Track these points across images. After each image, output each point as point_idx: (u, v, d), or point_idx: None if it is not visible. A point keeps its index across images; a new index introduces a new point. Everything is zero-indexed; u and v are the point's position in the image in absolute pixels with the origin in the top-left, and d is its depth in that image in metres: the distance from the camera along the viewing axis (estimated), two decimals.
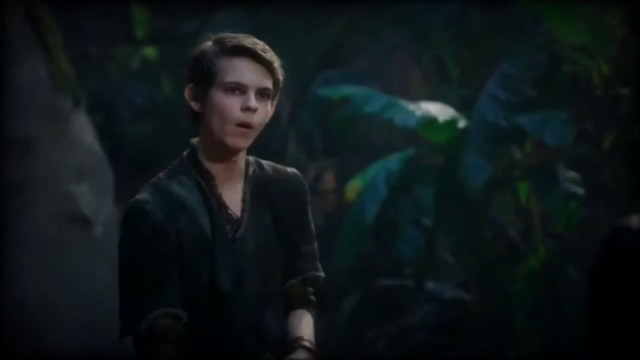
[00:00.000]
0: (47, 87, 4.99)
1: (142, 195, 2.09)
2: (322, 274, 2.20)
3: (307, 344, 2.11)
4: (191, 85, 2.12)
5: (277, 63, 2.11)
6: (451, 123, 5.24)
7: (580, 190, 5.06)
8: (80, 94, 5.14)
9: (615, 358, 0.79)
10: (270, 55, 2.10)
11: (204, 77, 2.09)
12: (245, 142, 2.07)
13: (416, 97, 5.81)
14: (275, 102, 2.12)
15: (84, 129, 5.10)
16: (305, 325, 2.15)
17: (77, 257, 4.96)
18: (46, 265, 4.89)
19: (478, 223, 5.54)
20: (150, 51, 6.96)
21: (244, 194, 2.12)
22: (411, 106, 5.28)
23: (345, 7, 6.81)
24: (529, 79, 5.18)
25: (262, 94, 2.08)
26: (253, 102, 2.06)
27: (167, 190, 2.10)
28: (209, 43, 2.12)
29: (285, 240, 2.15)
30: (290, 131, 6.85)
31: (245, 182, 2.13)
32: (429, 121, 5.15)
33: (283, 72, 2.12)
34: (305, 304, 2.18)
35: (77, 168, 4.98)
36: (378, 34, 6.61)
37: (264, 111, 2.08)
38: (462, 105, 5.63)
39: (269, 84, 2.08)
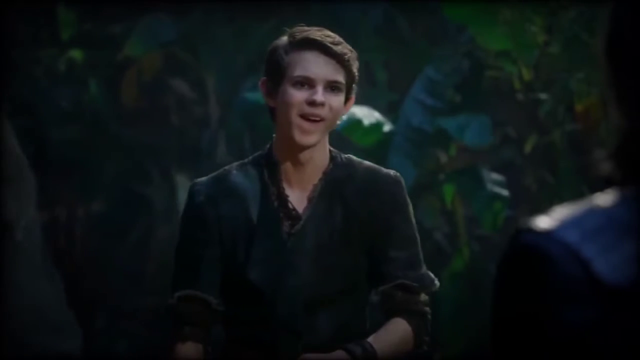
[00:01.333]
0: None
1: (202, 178, 2.08)
2: (416, 284, 2.05)
3: (354, 347, 1.97)
4: (264, 79, 2.09)
5: (349, 55, 2.04)
6: (377, 126, 5.28)
7: (505, 192, 5.15)
8: (3, 97, 5.03)
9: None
10: (341, 47, 2.04)
11: (275, 71, 2.05)
12: (310, 138, 1.99)
13: None
14: (352, 96, 2.05)
15: (5, 133, 5.00)
16: (382, 332, 2.02)
17: None
18: None
19: None
20: (76, 53, 6.86)
21: (313, 190, 2.05)
22: None
23: (276, 11, 6.81)
24: (453, 83, 5.25)
25: (332, 87, 2.02)
26: (319, 96, 2.00)
27: (225, 176, 2.07)
28: (284, 37, 2.09)
29: (365, 244, 2.03)
30: (219, 134, 6.82)
31: (320, 179, 2.06)
32: (355, 124, 5.18)
33: (358, 64, 2.06)
34: (404, 313, 2.05)
35: None
36: None
37: (335, 104, 2.01)
38: (390, 109, 5.67)
39: (339, 77, 2.03)
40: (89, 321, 6.28)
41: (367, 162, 2.11)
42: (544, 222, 0.82)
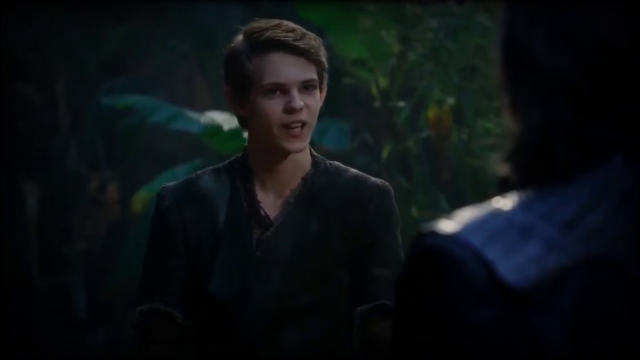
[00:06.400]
0: None
1: (171, 183, 1.98)
2: None
3: None
4: (228, 88, 1.94)
5: (316, 47, 1.91)
6: (237, 132, 5.26)
7: None
8: None
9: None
10: (307, 41, 1.91)
11: (240, 79, 1.90)
12: (300, 144, 1.87)
13: (202, 106, 5.80)
14: (324, 87, 1.94)
15: None
16: None
17: None
18: None
19: None
20: None
21: (290, 196, 1.92)
22: (197, 116, 5.26)
23: (131, 14, 6.67)
24: None
25: (306, 87, 1.90)
26: (297, 102, 1.87)
27: (194, 181, 1.94)
28: (240, 38, 1.93)
29: (347, 257, 1.90)
30: (71, 141, 6.61)
31: (299, 184, 1.93)
32: (214, 130, 5.15)
33: (325, 51, 1.94)
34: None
35: None
36: (164, 43, 6.53)
37: (313, 104, 1.90)
38: None
39: (312, 74, 1.90)
40: None
41: (355, 170, 1.99)
42: (446, 225, 0.83)
